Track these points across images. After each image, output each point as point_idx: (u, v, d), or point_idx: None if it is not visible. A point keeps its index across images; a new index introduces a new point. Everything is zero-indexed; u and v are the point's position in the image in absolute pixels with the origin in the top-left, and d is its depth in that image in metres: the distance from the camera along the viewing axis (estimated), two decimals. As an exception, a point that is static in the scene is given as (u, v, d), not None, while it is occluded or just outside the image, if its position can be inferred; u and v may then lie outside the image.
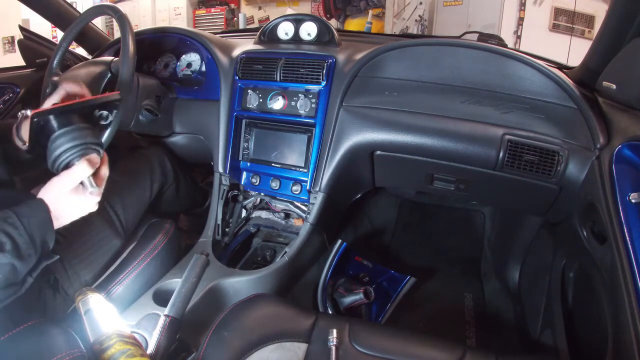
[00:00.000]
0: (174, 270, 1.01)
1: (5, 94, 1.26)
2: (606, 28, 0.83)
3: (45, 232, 0.63)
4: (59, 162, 0.65)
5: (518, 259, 1.26)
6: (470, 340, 1.25)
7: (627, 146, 0.72)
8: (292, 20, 1.22)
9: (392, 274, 1.29)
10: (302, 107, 1.08)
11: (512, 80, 0.95)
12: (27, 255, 0.60)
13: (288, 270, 1.07)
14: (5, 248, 0.58)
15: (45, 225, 0.63)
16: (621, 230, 0.64)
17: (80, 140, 0.66)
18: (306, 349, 0.72)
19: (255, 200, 1.24)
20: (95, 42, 1.44)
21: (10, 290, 0.61)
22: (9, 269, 0.58)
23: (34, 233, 0.61)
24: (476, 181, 1.02)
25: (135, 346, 0.60)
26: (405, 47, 1.04)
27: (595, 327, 0.77)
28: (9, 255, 0.58)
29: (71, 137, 0.66)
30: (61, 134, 0.65)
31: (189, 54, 1.25)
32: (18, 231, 0.59)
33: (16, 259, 0.59)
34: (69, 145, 0.65)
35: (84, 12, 1.08)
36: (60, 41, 1.09)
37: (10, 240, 0.58)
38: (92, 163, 0.65)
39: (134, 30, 1.00)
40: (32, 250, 0.61)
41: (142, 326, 0.84)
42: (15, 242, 0.59)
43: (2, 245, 0.58)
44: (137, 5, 6.37)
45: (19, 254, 0.59)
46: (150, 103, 1.10)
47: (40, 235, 0.62)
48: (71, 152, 0.65)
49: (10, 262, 0.58)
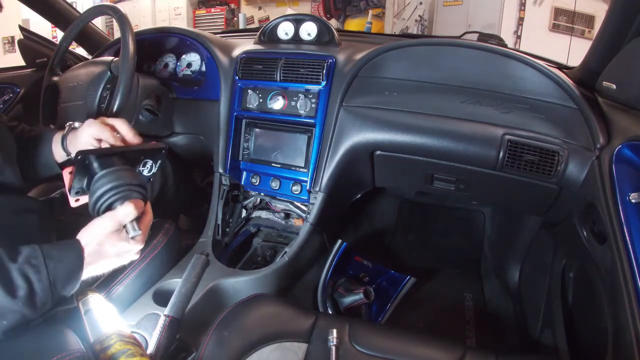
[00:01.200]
0: (174, 270, 1.01)
1: (5, 94, 1.27)
2: (606, 28, 0.83)
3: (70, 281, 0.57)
4: (101, 202, 0.62)
5: (518, 259, 1.26)
6: (470, 340, 1.25)
7: (627, 146, 0.72)
8: (292, 20, 1.22)
9: (392, 274, 1.29)
10: (302, 107, 1.08)
11: (512, 80, 0.95)
12: (41, 304, 0.54)
13: (288, 270, 1.06)
14: (18, 294, 0.51)
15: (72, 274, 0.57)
16: (621, 230, 0.64)
17: (124, 180, 0.63)
18: (306, 349, 0.72)
19: (255, 200, 1.24)
20: (95, 42, 1.44)
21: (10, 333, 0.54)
22: (18, 317, 0.52)
23: (57, 281, 0.55)
24: (476, 181, 1.02)
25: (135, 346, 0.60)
26: (405, 47, 1.04)
27: (595, 327, 0.77)
28: (20, 303, 0.51)
29: (115, 177, 0.63)
30: (105, 174, 0.62)
31: (189, 54, 1.25)
32: (39, 276, 0.53)
33: (28, 308, 0.52)
34: (112, 184, 0.62)
35: (84, 12, 1.08)
36: (60, 41, 1.09)
37: (26, 286, 0.52)
38: (137, 206, 0.62)
39: (134, 30, 0.99)
40: (49, 299, 0.55)
41: (142, 326, 0.84)
42: (32, 289, 0.52)
43: (16, 290, 0.51)
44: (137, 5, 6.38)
45: (31, 303, 0.53)
46: (150, 103, 1.11)
47: (63, 285, 0.56)
48: (115, 192, 0.62)
49: (20, 310, 0.52)
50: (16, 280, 0.52)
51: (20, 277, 0.52)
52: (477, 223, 1.65)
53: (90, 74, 1.00)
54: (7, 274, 0.52)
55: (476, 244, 1.60)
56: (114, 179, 0.62)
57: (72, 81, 1.01)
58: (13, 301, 0.51)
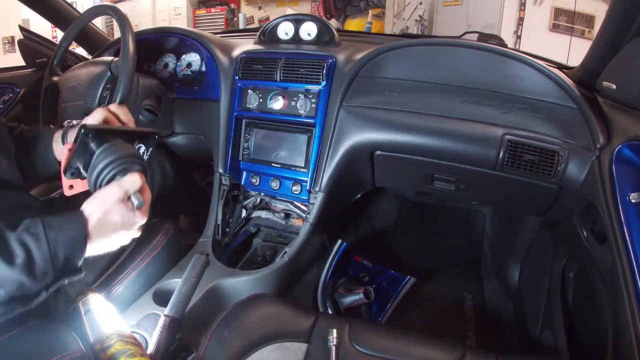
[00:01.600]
0: (174, 270, 1.01)
1: (5, 94, 1.27)
2: (606, 28, 0.83)
3: (73, 250, 0.56)
4: (105, 173, 0.62)
5: (518, 259, 1.26)
6: (470, 340, 1.25)
7: (627, 146, 0.72)
8: (292, 20, 1.22)
9: (392, 274, 1.29)
10: (302, 107, 1.08)
11: (512, 80, 0.95)
12: (41, 273, 0.53)
13: (288, 270, 1.06)
14: (15, 261, 0.51)
15: (75, 242, 0.56)
16: (621, 230, 0.64)
17: (126, 152, 0.64)
18: (306, 349, 0.72)
19: (255, 200, 1.24)
20: (95, 42, 1.44)
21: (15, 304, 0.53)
22: (15, 286, 0.51)
23: (57, 249, 0.54)
24: (476, 181, 1.02)
25: (135, 346, 0.60)
26: (405, 47, 1.04)
27: (595, 327, 0.77)
28: (17, 270, 0.51)
29: (117, 149, 0.63)
30: (107, 147, 0.63)
31: (189, 54, 1.25)
32: (38, 244, 0.53)
33: (26, 276, 0.51)
34: (115, 156, 0.62)
35: (84, 12, 1.08)
36: (60, 41, 1.09)
37: (24, 254, 0.52)
38: (140, 177, 0.62)
39: (134, 30, 0.99)
40: (49, 269, 0.54)
41: (142, 326, 0.84)
42: (31, 257, 0.52)
43: (13, 258, 0.51)
44: (137, 5, 6.38)
45: (30, 271, 0.52)
46: (150, 103, 1.11)
47: (65, 253, 0.55)
48: (118, 163, 0.62)
49: (18, 278, 0.51)
50: (14, 248, 0.51)
51: (18, 245, 0.51)
52: (477, 223, 1.65)
53: (90, 74, 1.00)
54: (5, 242, 0.52)
55: (476, 244, 1.60)
56: (116, 151, 0.63)
57: (72, 81, 1.01)
58: (10, 269, 0.50)
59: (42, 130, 0.84)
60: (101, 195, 0.61)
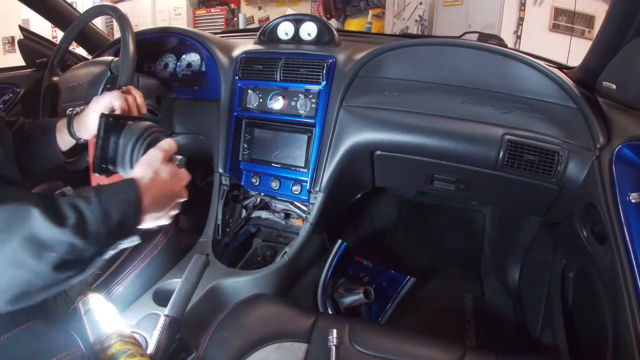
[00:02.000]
0: (174, 270, 1.01)
1: (5, 94, 1.26)
2: (606, 28, 0.83)
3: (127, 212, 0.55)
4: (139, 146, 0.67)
5: (518, 259, 1.26)
6: (470, 340, 1.25)
7: (627, 146, 0.72)
8: (292, 20, 1.22)
9: (392, 274, 1.29)
10: (302, 107, 1.08)
11: (512, 80, 0.95)
12: (94, 234, 0.51)
13: (288, 270, 1.06)
14: (67, 223, 0.49)
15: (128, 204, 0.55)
16: (621, 230, 0.64)
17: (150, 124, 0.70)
18: (306, 349, 0.72)
19: (256, 200, 1.24)
20: (95, 42, 1.44)
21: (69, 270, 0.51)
22: (66, 247, 0.49)
23: (110, 210, 0.53)
24: (476, 181, 1.02)
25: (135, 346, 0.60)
26: (405, 47, 1.04)
27: (595, 327, 0.77)
28: (69, 231, 0.49)
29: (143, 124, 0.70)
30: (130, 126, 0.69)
31: (189, 54, 1.25)
32: (90, 206, 0.51)
33: (78, 237, 0.49)
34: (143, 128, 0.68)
35: (84, 12, 1.08)
36: (60, 41, 1.09)
37: (75, 215, 0.50)
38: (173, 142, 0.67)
39: (134, 30, 0.99)
40: (102, 229, 0.52)
41: (142, 326, 0.84)
42: (82, 217, 0.50)
43: (64, 219, 0.49)
44: (137, 5, 6.37)
45: (82, 232, 0.50)
46: (150, 103, 1.10)
47: (119, 213, 0.53)
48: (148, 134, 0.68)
49: (69, 240, 0.49)
50: (65, 210, 0.50)
51: (69, 208, 0.50)
52: (477, 223, 1.65)
53: (90, 74, 1.00)
54: (55, 206, 0.50)
55: (476, 244, 1.60)
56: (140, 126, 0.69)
57: (72, 81, 1.01)
58: (61, 230, 0.48)
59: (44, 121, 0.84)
60: (145, 159, 0.64)
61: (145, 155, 0.65)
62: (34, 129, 0.82)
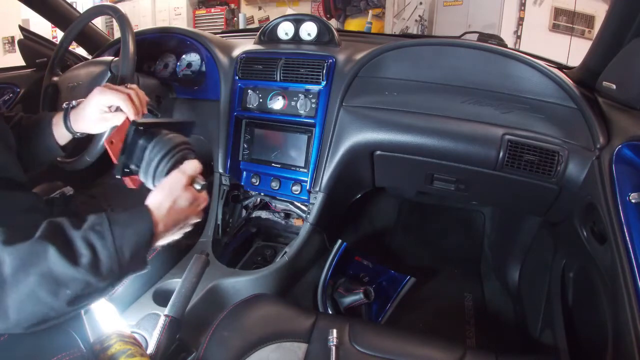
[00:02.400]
0: (174, 270, 1.01)
1: (5, 94, 1.26)
2: (606, 28, 0.83)
3: (140, 246, 0.55)
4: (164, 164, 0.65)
5: (518, 259, 1.26)
6: (470, 340, 1.25)
7: (627, 146, 0.72)
8: (292, 20, 1.22)
9: (392, 274, 1.29)
10: (302, 107, 1.08)
11: (512, 80, 0.95)
12: (107, 271, 0.52)
13: (288, 270, 1.07)
14: (81, 262, 0.50)
15: (141, 237, 0.56)
16: (621, 230, 0.64)
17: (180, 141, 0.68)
18: (306, 349, 0.72)
19: (256, 200, 1.24)
20: (95, 42, 1.44)
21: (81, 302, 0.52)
22: (82, 286, 0.50)
23: (124, 246, 0.53)
24: (476, 181, 1.02)
25: (135, 346, 0.60)
26: (405, 47, 1.04)
27: (595, 327, 0.77)
28: (84, 270, 0.49)
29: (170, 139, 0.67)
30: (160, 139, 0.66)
31: (189, 54, 1.25)
32: (104, 242, 0.52)
33: (92, 275, 0.50)
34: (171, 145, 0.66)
35: (84, 12, 1.08)
36: (60, 41, 1.09)
37: (90, 253, 0.50)
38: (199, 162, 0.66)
39: (134, 30, 1.00)
40: (115, 266, 0.52)
41: (142, 326, 0.84)
42: (96, 256, 0.51)
43: (78, 258, 0.50)
44: (137, 5, 6.37)
45: (96, 270, 0.51)
46: (150, 103, 1.10)
47: (131, 249, 0.54)
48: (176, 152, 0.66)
49: (84, 278, 0.50)
50: (79, 248, 0.50)
51: (83, 244, 0.51)
52: (477, 223, 1.65)
53: (90, 74, 1.00)
54: (70, 242, 0.51)
55: (476, 244, 1.60)
56: (169, 142, 0.66)
57: (72, 81, 1.01)
58: (75, 269, 0.49)
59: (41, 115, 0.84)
60: (167, 184, 0.63)
61: (168, 178, 0.63)
62: (32, 124, 0.82)
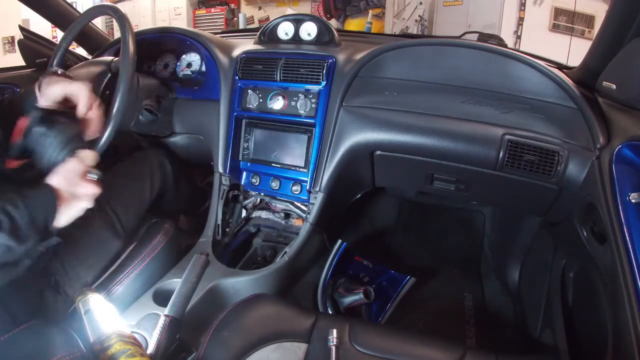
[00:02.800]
0: (174, 270, 1.01)
1: (5, 94, 1.26)
2: (606, 28, 0.83)
3: (49, 214, 0.64)
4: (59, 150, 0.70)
5: (518, 259, 1.26)
6: (470, 340, 1.25)
7: (627, 146, 0.72)
8: (292, 20, 1.22)
9: (392, 274, 1.29)
10: (302, 107, 1.08)
11: (512, 80, 0.95)
12: (25, 236, 0.60)
13: (288, 270, 1.06)
14: (2, 227, 0.58)
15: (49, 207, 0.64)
16: (621, 230, 0.64)
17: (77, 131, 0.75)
18: (306, 349, 0.72)
19: (256, 200, 1.24)
20: (95, 42, 1.44)
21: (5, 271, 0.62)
22: (4, 249, 0.59)
23: (36, 216, 0.61)
24: (476, 181, 1.02)
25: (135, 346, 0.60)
26: (405, 47, 1.04)
27: (595, 327, 0.77)
28: (5, 235, 0.58)
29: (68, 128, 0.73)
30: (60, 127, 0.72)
31: (189, 54, 1.24)
32: (19, 211, 0.59)
33: (13, 240, 0.59)
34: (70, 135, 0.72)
35: (84, 12, 1.08)
36: (60, 41, 1.09)
37: (8, 219, 0.58)
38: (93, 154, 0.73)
39: (134, 30, 0.99)
40: (32, 232, 0.61)
41: (142, 326, 0.84)
42: (14, 222, 0.59)
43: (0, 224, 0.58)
44: (137, 5, 6.37)
45: (16, 235, 0.59)
46: (150, 103, 1.10)
47: (43, 217, 0.63)
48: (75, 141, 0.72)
49: (6, 242, 0.58)
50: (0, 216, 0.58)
51: (2, 214, 0.58)
52: (477, 223, 1.65)
53: (90, 74, 0.99)
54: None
55: (476, 244, 1.60)
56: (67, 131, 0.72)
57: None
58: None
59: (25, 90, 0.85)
60: (64, 169, 0.69)
61: (64, 165, 0.69)
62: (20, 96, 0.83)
